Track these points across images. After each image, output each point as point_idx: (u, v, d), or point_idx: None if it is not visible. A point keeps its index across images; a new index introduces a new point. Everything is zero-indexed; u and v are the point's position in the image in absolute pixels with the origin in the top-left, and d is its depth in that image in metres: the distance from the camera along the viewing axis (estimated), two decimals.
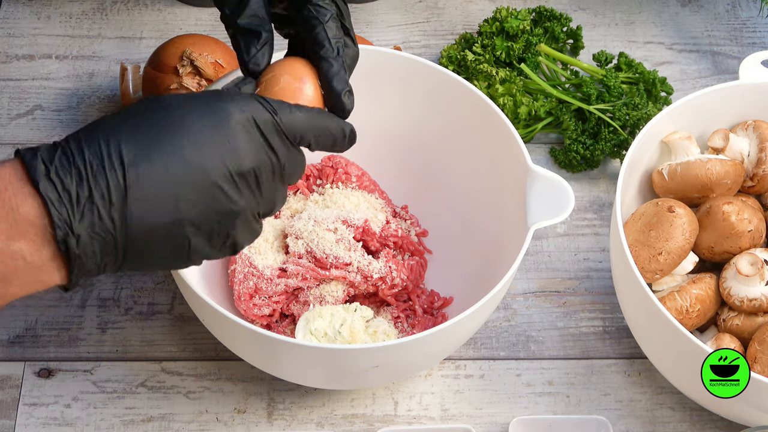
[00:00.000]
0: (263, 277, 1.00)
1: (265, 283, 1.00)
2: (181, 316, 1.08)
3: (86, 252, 0.75)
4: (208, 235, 0.80)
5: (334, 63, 0.86)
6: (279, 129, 0.81)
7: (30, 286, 0.76)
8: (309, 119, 0.83)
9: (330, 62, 0.86)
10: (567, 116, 1.19)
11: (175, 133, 0.77)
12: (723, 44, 1.30)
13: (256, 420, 1.02)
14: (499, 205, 1.05)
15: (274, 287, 1.01)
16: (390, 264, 1.02)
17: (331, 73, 0.86)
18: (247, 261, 1.01)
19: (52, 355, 1.05)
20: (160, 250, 0.78)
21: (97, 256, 0.76)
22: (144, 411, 1.03)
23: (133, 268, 0.79)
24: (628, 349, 1.08)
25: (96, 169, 0.75)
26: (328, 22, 0.86)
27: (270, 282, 1.00)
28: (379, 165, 1.10)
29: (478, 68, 1.21)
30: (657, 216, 1.00)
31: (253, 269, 1.01)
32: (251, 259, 1.01)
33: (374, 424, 1.02)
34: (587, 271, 1.12)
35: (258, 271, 1.01)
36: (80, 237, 0.74)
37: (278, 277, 1.01)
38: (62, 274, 0.76)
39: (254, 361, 0.99)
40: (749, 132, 1.07)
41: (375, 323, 1.01)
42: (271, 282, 1.00)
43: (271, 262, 1.01)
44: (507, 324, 1.09)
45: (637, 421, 1.03)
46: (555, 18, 1.26)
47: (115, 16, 1.30)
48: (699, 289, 1.00)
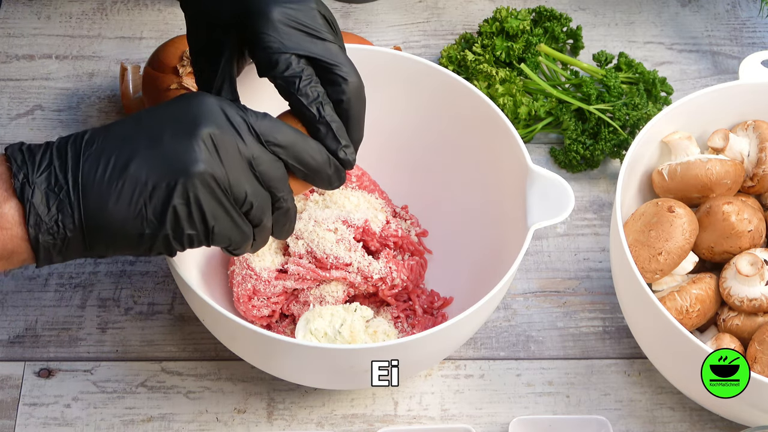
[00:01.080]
0: (261, 279, 1.00)
1: (263, 285, 1.00)
2: (181, 316, 1.08)
3: (41, 203, 0.80)
4: (165, 197, 0.81)
5: (320, 127, 0.87)
6: (248, 124, 0.83)
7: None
8: (290, 133, 0.85)
9: (316, 127, 0.87)
10: (567, 116, 1.19)
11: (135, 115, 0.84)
12: (723, 44, 1.30)
13: (256, 420, 1.02)
14: (499, 205, 1.05)
15: (272, 289, 1.00)
16: (390, 264, 1.02)
17: (320, 137, 0.87)
18: (245, 263, 1.01)
19: (52, 355, 1.05)
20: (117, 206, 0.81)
21: (52, 207, 0.80)
22: (144, 411, 1.03)
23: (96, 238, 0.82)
24: (628, 349, 1.08)
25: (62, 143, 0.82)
26: (299, 89, 0.87)
27: (268, 284, 1.00)
28: (378, 165, 1.10)
29: (478, 68, 1.21)
30: (657, 216, 1.00)
31: (250, 271, 1.01)
32: (249, 261, 1.01)
33: (374, 424, 1.02)
34: (587, 271, 1.12)
35: (255, 273, 1.00)
36: (35, 187, 0.80)
37: (276, 279, 1.01)
38: (24, 231, 0.81)
39: (254, 361, 0.99)
40: (749, 132, 1.07)
41: (375, 323, 1.01)
42: (269, 284, 1.00)
43: (269, 264, 1.01)
44: (507, 324, 1.09)
45: (637, 421, 1.03)
46: (555, 18, 1.26)
47: (115, 16, 1.30)
48: (699, 289, 1.00)
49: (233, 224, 0.84)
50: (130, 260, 1.11)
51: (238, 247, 0.86)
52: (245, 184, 0.83)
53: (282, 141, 0.84)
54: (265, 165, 0.84)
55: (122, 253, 0.84)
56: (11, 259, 0.82)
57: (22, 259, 0.82)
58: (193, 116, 0.82)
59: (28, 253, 0.82)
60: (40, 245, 0.81)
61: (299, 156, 0.85)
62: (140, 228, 0.81)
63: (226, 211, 0.83)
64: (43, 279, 1.09)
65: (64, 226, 0.81)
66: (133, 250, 0.83)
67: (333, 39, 0.89)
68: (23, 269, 1.10)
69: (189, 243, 0.83)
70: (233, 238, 0.85)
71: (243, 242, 0.86)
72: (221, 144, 0.82)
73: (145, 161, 0.81)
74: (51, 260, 0.83)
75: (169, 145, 0.81)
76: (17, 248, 0.81)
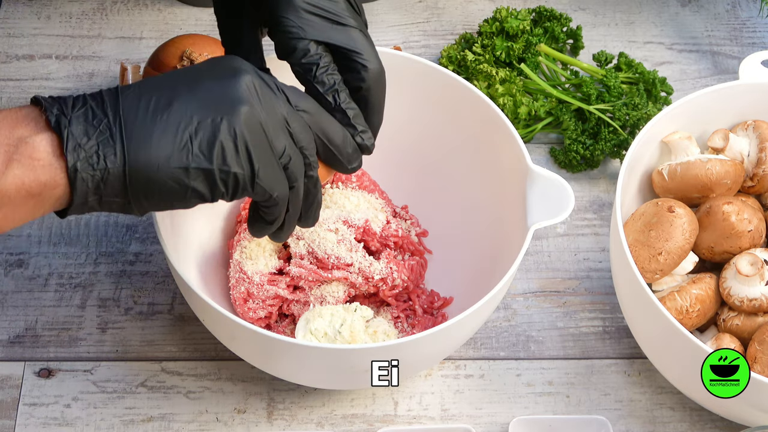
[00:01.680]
0: (253, 283, 1.00)
1: (255, 289, 1.00)
2: (181, 316, 1.08)
3: (80, 132, 0.77)
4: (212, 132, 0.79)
5: (336, 114, 0.87)
6: (278, 85, 0.83)
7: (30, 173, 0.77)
8: (314, 103, 0.85)
9: (333, 114, 0.87)
10: (567, 116, 1.19)
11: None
12: (723, 44, 1.30)
13: (256, 420, 1.02)
14: (499, 205, 1.05)
15: (265, 293, 1.00)
16: (391, 265, 1.02)
17: (343, 123, 0.87)
18: (238, 266, 1.01)
19: (52, 355, 1.05)
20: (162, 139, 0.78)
21: (92, 137, 0.78)
22: (144, 411, 1.03)
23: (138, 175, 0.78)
24: (628, 349, 1.08)
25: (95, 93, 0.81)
26: (316, 76, 0.87)
27: (260, 287, 1.00)
28: (379, 165, 1.10)
29: (478, 68, 1.21)
30: (657, 216, 1.00)
31: (243, 275, 1.01)
32: (241, 264, 1.01)
33: (374, 424, 1.02)
34: (587, 271, 1.12)
35: (248, 277, 1.00)
36: (72, 118, 0.78)
37: (269, 283, 1.01)
38: (60, 161, 0.77)
39: (254, 361, 0.99)
40: (749, 132, 1.07)
41: (375, 323, 1.01)
42: (261, 287, 1.00)
43: (262, 267, 1.01)
44: (507, 324, 1.09)
45: (637, 421, 1.03)
46: (555, 18, 1.26)
47: (115, 16, 1.30)
48: (699, 289, 1.00)
49: (276, 172, 0.82)
50: (130, 260, 1.11)
51: (276, 204, 0.83)
52: (282, 137, 0.82)
53: (308, 108, 0.84)
54: (296, 124, 0.82)
55: (164, 198, 0.80)
56: (42, 196, 0.78)
57: (55, 197, 0.78)
58: (231, 66, 0.81)
59: (63, 188, 0.77)
60: (78, 176, 0.77)
61: (322, 126, 0.85)
62: (186, 161, 0.79)
63: (269, 155, 0.81)
64: (43, 279, 1.09)
65: (105, 156, 0.77)
66: (176, 193, 0.79)
67: (355, 24, 0.88)
68: (23, 269, 1.10)
69: (234, 185, 0.80)
70: (274, 190, 0.82)
71: (281, 199, 0.83)
72: (262, 92, 0.81)
73: (188, 101, 0.79)
74: (86, 201, 0.78)
75: (212, 88, 0.80)
76: (51, 180, 0.77)
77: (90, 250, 1.11)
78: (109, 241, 1.12)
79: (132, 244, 1.12)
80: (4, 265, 1.10)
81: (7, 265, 1.10)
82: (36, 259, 1.11)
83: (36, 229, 1.13)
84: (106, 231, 1.13)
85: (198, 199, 0.81)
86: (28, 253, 1.11)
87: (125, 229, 1.13)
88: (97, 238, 1.12)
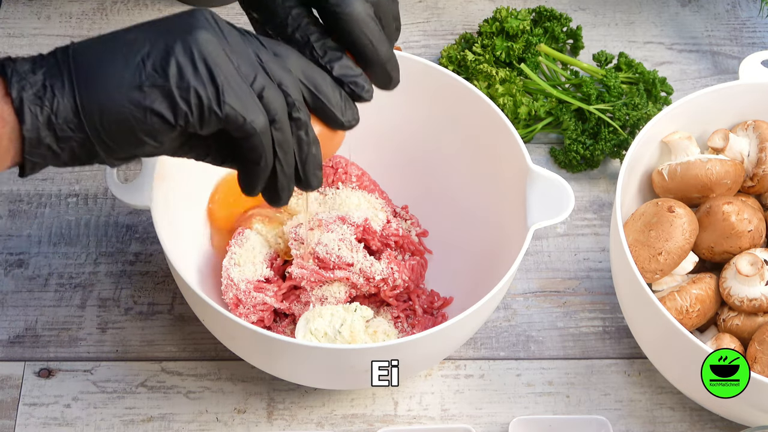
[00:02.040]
0: (240, 290, 1.00)
1: (243, 295, 1.00)
2: (181, 316, 1.08)
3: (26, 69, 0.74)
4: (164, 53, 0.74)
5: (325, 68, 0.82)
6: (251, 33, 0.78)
7: None
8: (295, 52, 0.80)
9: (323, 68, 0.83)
10: (567, 116, 1.19)
11: None
12: (723, 44, 1.30)
13: (256, 420, 1.02)
14: (499, 206, 1.05)
15: (253, 299, 1.00)
16: (392, 265, 1.02)
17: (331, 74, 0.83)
18: (226, 273, 1.01)
19: (52, 355, 1.05)
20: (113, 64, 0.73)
21: (38, 73, 0.74)
22: (144, 411, 1.03)
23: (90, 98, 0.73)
24: (628, 349, 1.08)
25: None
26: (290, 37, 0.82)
27: (248, 294, 1.00)
28: (378, 165, 1.10)
29: (478, 68, 1.21)
30: (657, 216, 1.00)
31: (230, 281, 1.01)
32: (228, 271, 1.01)
33: (374, 424, 1.03)
34: (587, 271, 1.12)
35: (234, 284, 1.00)
36: (18, 61, 0.74)
37: (255, 291, 1.00)
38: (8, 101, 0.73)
39: (254, 361, 0.99)
40: (749, 132, 1.07)
41: (375, 323, 1.01)
42: (249, 295, 1.00)
43: (249, 275, 1.01)
44: (507, 324, 1.09)
45: (637, 421, 1.03)
46: (555, 18, 1.26)
47: (115, 16, 1.30)
48: (699, 289, 1.00)
49: (246, 95, 0.75)
50: (130, 260, 1.11)
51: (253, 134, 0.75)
52: (251, 67, 0.76)
53: (288, 54, 0.79)
54: (273, 64, 0.77)
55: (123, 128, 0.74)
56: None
57: (6, 137, 0.73)
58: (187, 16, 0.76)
59: (12, 125, 0.73)
60: (24, 108, 0.73)
61: (306, 72, 0.79)
62: (139, 80, 0.73)
63: (236, 77, 0.75)
64: (43, 279, 1.09)
65: (52, 87, 0.73)
66: (135, 119, 0.74)
67: None
68: (23, 269, 1.10)
69: (198, 104, 0.74)
70: (247, 113, 0.75)
71: (260, 129, 0.75)
72: (226, 29, 0.76)
73: (141, 31, 0.75)
74: (40, 137, 0.74)
75: (168, 19, 0.75)
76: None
77: (90, 250, 1.11)
78: (109, 241, 1.12)
79: (132, 244, 1.12)
80: (4, 265, 1.10)
81: (7, 265, 1.10)
82: (36, 259, 1.11)
83: (36, 229, 1.13)
84: (106, 231, 1.13)
85: (162, 123, 0.74)
86: (28, 253, 1.11)
87: (125, 229, 1.13)
88: (97, 238, 1.12)
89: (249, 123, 0.75)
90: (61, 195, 1.15)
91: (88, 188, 1.15)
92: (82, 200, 1.15)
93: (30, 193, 1.15)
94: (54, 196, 1.15)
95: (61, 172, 1.16)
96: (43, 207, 1.14)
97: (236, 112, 0.75)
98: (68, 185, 1.15)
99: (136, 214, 1.13)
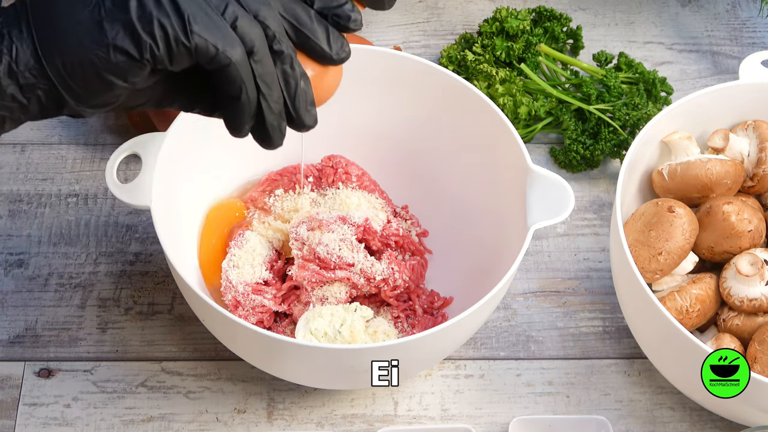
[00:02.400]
0: (238, 292, 1.00)
1: (241, 297, 1.00)
2: (181, 316, 1.08)
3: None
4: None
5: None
6: None
7: None
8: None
9: None
10: (567, 116, 1.19)
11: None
12: (723, 44, 1.30)
13: (256, 420, 1.02)
14: (499, 205, 1.05)
15: (252, 302, 1.00)
16: (393, 265, 1.02)
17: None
18: (225, 274, 1.01)
19: (52, 355, 1.05)
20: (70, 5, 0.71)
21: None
22: (144, 411, 1.03)
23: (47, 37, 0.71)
24: (628, 349, 1.08)
25: None
26: None
27: (246, 296, 1.00)
28: (379, 165, 1.10)
29: (478, 68, 1.21)
30: (657, 216, 1.00)
31: (228, 283, 1.01)
32: (227, 273, 1.01)
33: (374, 424, 1.02)
34: (587, 271, 1.12)
35: (232, 285, 1.00)
36: None
37: (253, 293, 1.01)
38: None
39: (254, 361, 0.99)
40: (749, 132, 1.07)
41: (375, 323, 1.01)
42: (247, 297, 1.00)
43: (247, 277, 1.01)
44: (507, 324, 1.09)
45: (637, 421, 1.03)
46: (555, 18, 1.26)
47: None
48: (699, 289, 1.00)
49: (218, 24, 0.71)
50: (130, 260, 1.11)
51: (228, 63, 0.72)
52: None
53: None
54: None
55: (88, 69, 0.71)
56: None
57: None
58: None
59: None
60: None
61: (287, 6, 0.75)
62: (98, 16, 0.70)
63: (203, 5, 0.71)
64: (43, 279, 1.09)
65: (10, 34, 0.71)
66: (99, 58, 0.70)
67: None
68: (23, 269, 1.10)
69: (163, 36, 0.70)
70: (218, 43, 0.71)
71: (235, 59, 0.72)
72: None
73: None
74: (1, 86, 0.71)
75: None
76: None
77: (90, 250, 1.11)
78: (109, 241, 1.12)
79: (132, 244, 1.12)
80: (4, 265, 1.10)
81: (7, 265, 1.10)
82: (36, 259, 1.11)
83: (36, 229, 1.13)
84: (106, 231, 1.13)
85: (127, 60, 0.70)
86: (28, 253, 1.11)
87: (125, 229, 1.13)
88: (97, 238, 1.12)
89: (222, 53, 0.71)
90: (61, 195, 1.15)
91: (88, 188, 1.15)
92: (82, 200, 1.15)
93: (30, 193, 1.15)
94: (54, 196, 1.15)
95: (61, 172, 1.16)
96: (43, 207, 1.14)
97: (207, 42, 0.71)
98: (68, 185, 1.15)
99: (136, 214, 1.13)
